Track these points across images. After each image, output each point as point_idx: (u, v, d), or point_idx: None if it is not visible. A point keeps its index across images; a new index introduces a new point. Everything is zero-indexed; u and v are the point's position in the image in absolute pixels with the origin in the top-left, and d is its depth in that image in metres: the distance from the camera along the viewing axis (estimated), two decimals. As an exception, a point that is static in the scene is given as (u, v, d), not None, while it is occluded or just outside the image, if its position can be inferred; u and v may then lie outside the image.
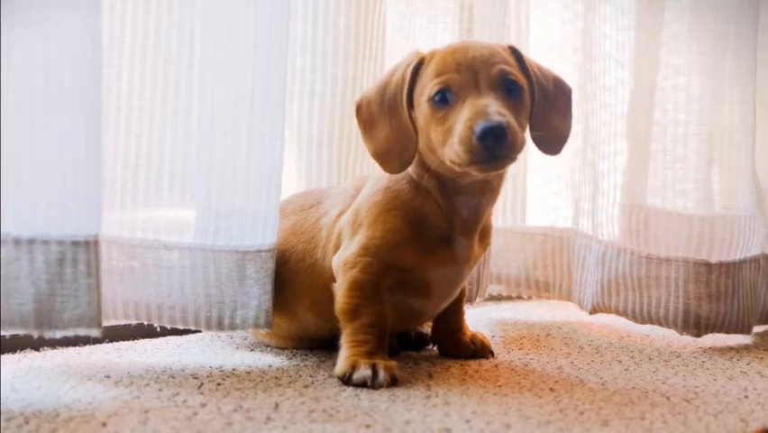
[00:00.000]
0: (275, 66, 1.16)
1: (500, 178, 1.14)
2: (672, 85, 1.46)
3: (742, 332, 1.43)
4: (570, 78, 1.59)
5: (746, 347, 1.40)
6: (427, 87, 1.07)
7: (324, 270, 1.17)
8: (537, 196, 1.69)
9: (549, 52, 1.65)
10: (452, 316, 1.26)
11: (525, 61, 1.12)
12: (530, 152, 1.63)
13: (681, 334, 1.43)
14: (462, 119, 1.03)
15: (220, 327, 1.17)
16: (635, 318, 1.46)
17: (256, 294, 1.16)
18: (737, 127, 1.46)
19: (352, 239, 1.13)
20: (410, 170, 1.13)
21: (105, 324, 1.26)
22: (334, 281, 1.14)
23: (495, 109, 1.02)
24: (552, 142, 1.15)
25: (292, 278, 1.19)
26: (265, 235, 1.17)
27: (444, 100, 1.06)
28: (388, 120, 1.11)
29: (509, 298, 1.78)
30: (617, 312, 1.47)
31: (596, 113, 1.51)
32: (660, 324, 1.43)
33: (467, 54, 1.07)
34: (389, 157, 1.11)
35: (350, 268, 1.12)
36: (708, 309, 1.40)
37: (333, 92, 1.39)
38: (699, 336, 1.42)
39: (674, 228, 1.45)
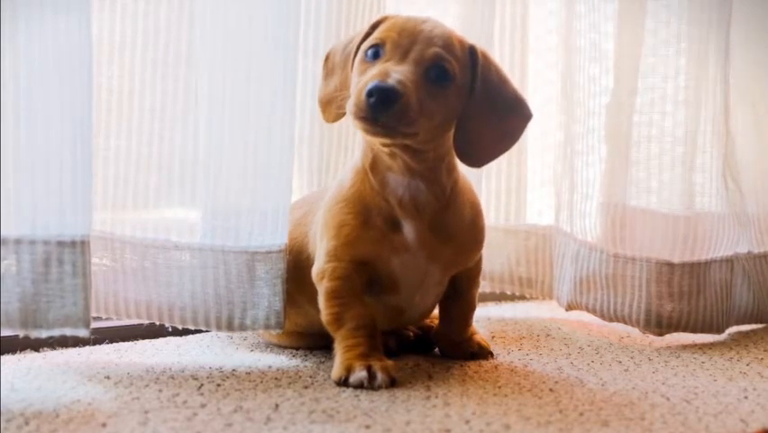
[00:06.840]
0: (284, 65, 1.16)
1: (425, 162, 1.10)
2: (651, 87, 1.45)
3: (711, 332, 1.44)
4: (555, 79, 1.60)
5: (746, 347, 1.39)
6: (369, 41, 1.09)
7: None
8: (536, 196, 1.69)
9: (548, 53, 1.65)
10: (457, 326, 1.25)
11: (480, 65, 1.10)
12: (529, 152, 1.66)
13: (644, 333, 1.43)
14: (368, 75, 1.04)
15: (230, 327, 1.17)
16: (602, 316, 1.46)
17: (266, 295, 1.17)
18: (709, 129, 1.46)
19: (321, 244, 1.14)
20: (359, 155, 1.15)
21: (117, 323, 1.28)
22: None
23: (397, 76, 1.02)
24: (474, 152, 1.12)
25: (295, 269, 1.20)
26: (275, 236, 1.17)
27: (375, 55, 1.07)
28: (341, 71, 1.14)
29: (512, 297, 1.78)
30: (588, 310, 1.48)
31: (577, 115, 1.50)
32: (625, 322, 1.44)
33: (417, 26, 1.08)
34: (329, 106, 1.15)
35: (321, 278, 1.13)
36: (671, 309, 1.41)
37: (315, 90, 1.38)
38: (661, 334, 1.42)
39: (642, 228, 1.45)
